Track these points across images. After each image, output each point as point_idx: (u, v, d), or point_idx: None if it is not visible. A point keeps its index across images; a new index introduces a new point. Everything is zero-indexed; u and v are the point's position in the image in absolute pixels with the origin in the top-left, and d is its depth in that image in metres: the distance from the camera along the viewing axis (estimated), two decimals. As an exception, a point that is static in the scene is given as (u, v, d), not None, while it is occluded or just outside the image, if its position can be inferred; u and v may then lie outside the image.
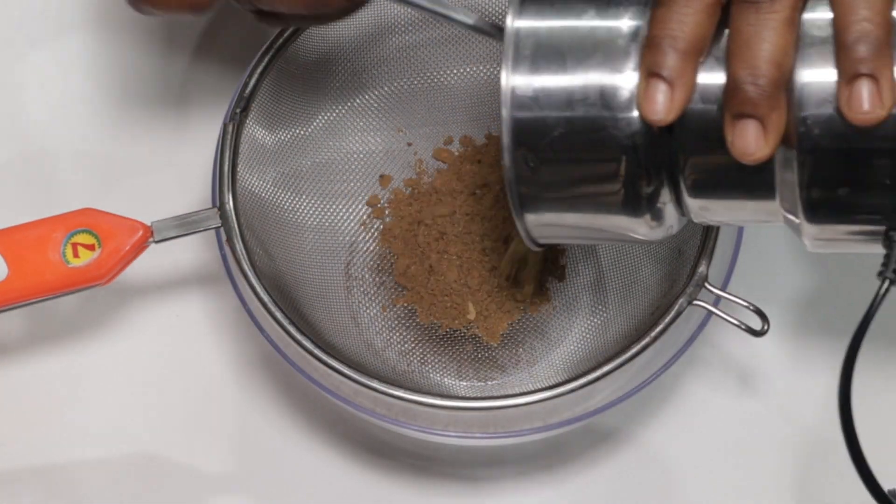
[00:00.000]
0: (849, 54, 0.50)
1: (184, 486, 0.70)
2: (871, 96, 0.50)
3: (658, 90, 0.52)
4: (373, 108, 0.72)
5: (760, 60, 0.51)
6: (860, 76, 0.50)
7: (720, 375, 0.71)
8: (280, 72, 0.67)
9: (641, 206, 0.54)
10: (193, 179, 0.74)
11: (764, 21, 0.51)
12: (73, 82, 0.78)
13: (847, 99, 0.50)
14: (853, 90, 0.50)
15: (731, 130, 0.52)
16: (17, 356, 0.72)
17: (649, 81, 0.52)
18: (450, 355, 0.69)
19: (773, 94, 0.51)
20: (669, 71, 0.52)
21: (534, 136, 0.54)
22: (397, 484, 0.70)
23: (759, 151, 0.51)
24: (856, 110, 0.50)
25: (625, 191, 0.54)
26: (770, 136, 0.51)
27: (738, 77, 0.51)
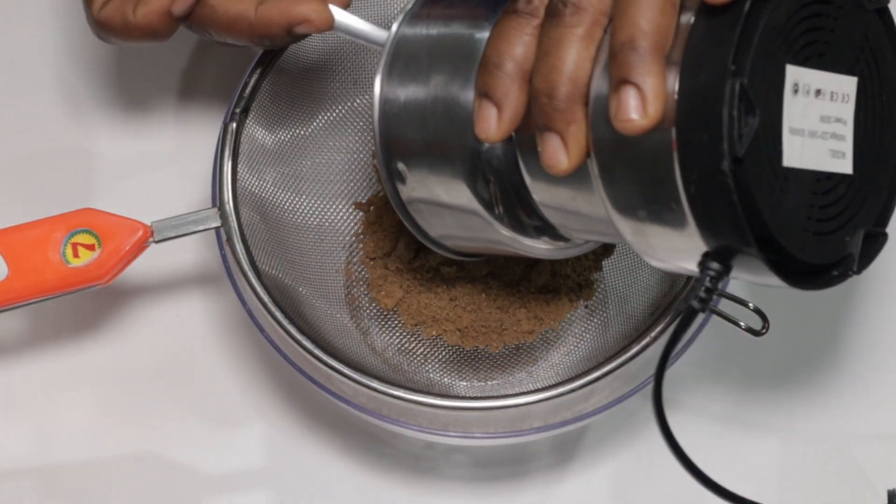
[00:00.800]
0: (614, 60, 0.50)
1: (184, 486, 0.70)
2: (636, 104, 0.49)
3: (488, 111, 0.53)
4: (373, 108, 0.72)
5: (556, 73, 0.51)
6: (623, 83, 0.49)
7: (720, 375, 0.71)
8: (280, 72, 0.67)
9: (497, 213, 0.58)
10: (193, 179, 0.74)
11: (562, 34, 0.51)
12: (73, 82, 0.78)
13: (614, 107, 0.50)
14: (618, 97, 0.50)
15: (539, 143, 0.52)
16: (17, 356, 0.72)
17: (480, 102, 0.54)
18: (450, 355, 0.69)
19: (568, 108, 0.51)
20: (497, 92, 0.53)
21: (400, 146, 0.59)
22: (397, 484, 0.70)
23: (560, 164, 0.52)
24: (618, 118, 0.49)
25: (478, 199, 0.57)
26: (571, 150, 0.52)
27: (537, 89, 0.52)
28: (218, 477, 0.70)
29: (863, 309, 0.73)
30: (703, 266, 0.51)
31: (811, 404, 0.71)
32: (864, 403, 0.71)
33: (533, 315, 0.68)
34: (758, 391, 0.71)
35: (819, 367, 0.72)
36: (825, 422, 0.70)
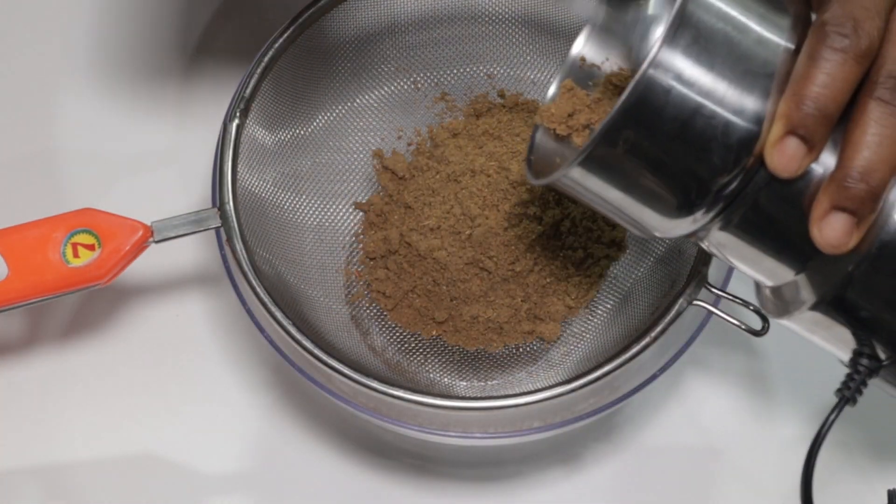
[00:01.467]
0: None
1: (184, 486, 0.70)
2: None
3: (794, 148, 0.51)
4: (373, 108, 0.72)
5: (878, 161, 0.51)
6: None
7: (720, 375, 0.71)
8: (280, 72, 0.67)
9: (681, 216, 0.54)
10: (193, 179, 0.74)
11: (892, 123, 0.51)
12: (73, 82, 0.78)
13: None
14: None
15: (820, 216, 0.52)
16: (17, 356, 0.72)
17: (787, 138, 0.51)
18: (450, 355, 0.69)
19: (879, 197, 0.51)
20: (809, 132, 0.51)
21: (650, 110, 0.51)
22: (397, 484, 0.70)
23: (844, 246, 0.52)
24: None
25: (681, 203, 0.54)
26: (858, 235, 0.51)
27: (852, 169, 0.51)
28: (217, 477, 0.70)
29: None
30: (856, 362, 0.54)
31: (811, 404, 0.71)
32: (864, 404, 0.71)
33: (533, 315, 0.68)
34: (758, 391, 0.71)
35: (819, 367, 0.72)
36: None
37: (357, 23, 0.69)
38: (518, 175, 0.68)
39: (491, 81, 0.72)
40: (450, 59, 0.72)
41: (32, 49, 0.78)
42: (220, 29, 0.78)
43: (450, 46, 0.71)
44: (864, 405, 0.71)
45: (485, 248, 0.67)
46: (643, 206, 0.54)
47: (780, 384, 0.71)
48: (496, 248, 0.67)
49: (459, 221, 0.67)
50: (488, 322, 0.67)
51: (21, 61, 0.78)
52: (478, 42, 0.71)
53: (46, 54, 0.78)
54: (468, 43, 0.71)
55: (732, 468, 0.70)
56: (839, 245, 0.51)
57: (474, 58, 0.72)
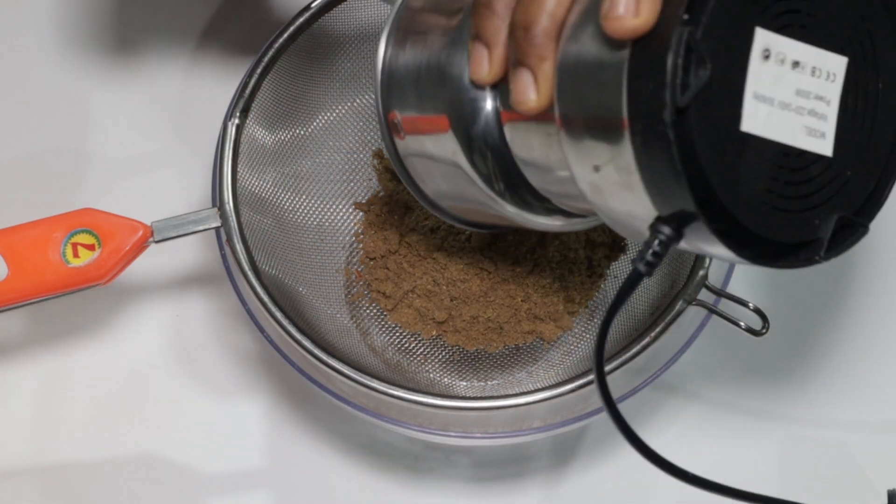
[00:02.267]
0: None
1: (183, 487, 0.70)
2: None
3: (479, 53, 0.53)
4: (373, 109, 0.72)
5: (535, 7, 0.50)
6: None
7: (720, 375, 0.71)
8: (280, 72, 0.67)
9: (497, 188, 0.56)
10: (193, 179, 0.74)
11: None
12: (73, 82, 0.78)
13: (606, 6, 0.48)
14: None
15: (511, 80, 0.52)
16: (17, 356, 0.72)
17: (473, 45, 0.53)
18: (450, 355, 0.69)
19: (543, 44, 0.51)
20: (486, 32, 0.53)
21: (398, 101, 0.58)
22: (397, 484, 0.70)
23: (529, 101, 0.51)
24: (608, 16, 0.48)
25: (477, 173, 0.56)
26: (541, 87, 0.51)
27: (515, 22, 0.51)
28: (218, 477, 0.70)
29: (862, 309, 0.73)
30: (654, 229, 0.48)
31: (811, 405, 0.71)
32: (864, 403, 0.71)
33: (533, 315, 0.68)
34: (757, 392, 0.71)
35: (819, 367, 0.72)
36: (825, 422, 0.70)
37: (357, 23, 0.69)
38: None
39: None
40: (450, 59, 0.72)
41: (32, 49, 0.78)
42: (220, 29, 0.78)
43: (450, 46, 0.71)
44: (864, 405, 0.71)
45: (484, 248, 0.67)
46: (466, 189, 0.57)
47: (780, 384, 0.71)
48: (496, 248, 0.67)
49: (459, 221, 0.67)
50: (488, 322, 0.67)
51: (21, 61, 0.78)
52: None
53: (46, 54, 0.78)
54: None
55: (733, 468, 0.70)
56: (524, 101, 0.51)
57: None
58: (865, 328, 0.72)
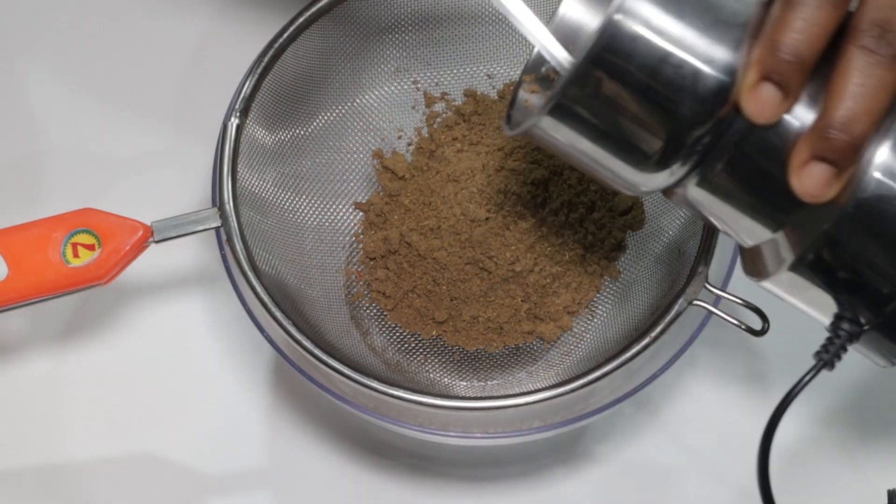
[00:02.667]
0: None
1: (183, 486, 0.70)
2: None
3: (769, 93, 0.51)
4: (373, 108, 0.72)
5: (861, 112, 0.50)
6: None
7: (720, 376, 0.71)
8: (280, 72, 0.67)
9: (655, 170, 0.54)
10: (193, 179, 0.74)
11: (876, 73, 0.50)
12: (73, 82, 0.78)
13: None
14: None
15: (800, 165, 0.51)
16: (17, 356, 0.72)
17: (762, 84, 0.51)
18: (450, 355, 0.69)
19: (859, 148, 0.50)
20: (784, 78, 0.50)
21: (617, 57, 0.51)
22: (397, 484, 0.70)
23: (824, 196, 0.51)
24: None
25: (653, 155, 0.53)
26: (839, 184, 0.51)
27: (833, 119, 0.50)
28: (218, 477, 0.70)
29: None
30: (839, 327, 0.53)
31: (811, 404, 0.71)
32: (864, 403, 0.71)
33: (533, 315, 0.68)
34: (757, 391, 0.71)
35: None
36: (825, 422, 0.70)
37: (357, 23, 0.69)
38: (515, 164, 0.68)
39: (491, 81, 0.72)
40: (450, 58, 0.72)
41: (32, 49, 0.78)
42: (220, 28, 0.78)
43: (450, 46, 0.71)
44: (864, 405, 0.71)
45: (485, 248, 0.67)
46: (616, 159, 0.54)
47: (780, 384, 0.71)
48: (496, 248, 0.67)
49: (459, 221, 0.67)
50: (488, 322, 0.67)
51: (20, 61, 0.78)
52: (478, 42, 0.71)
53: (46, 54, 0.78)
54: (468, 43, 0.71)
55: (733, 468, 0.70)
56: (818, 194, 0.51)
57: (474, 58, 0.72)
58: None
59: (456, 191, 0.68)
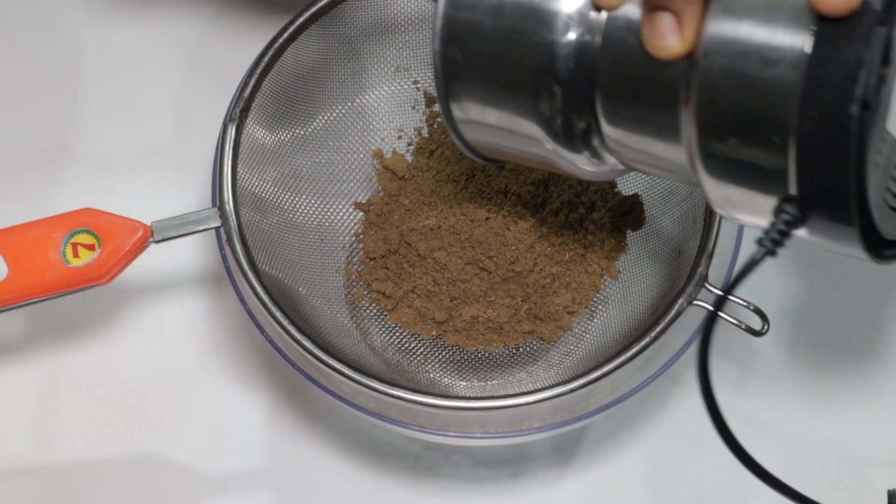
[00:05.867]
0: None
1: (183, 487, 0.70)
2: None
3: (662, 21, 0.50)
4: (373, 108, 0.72)
5: None
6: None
7: (720, 376, 0.71)
8: (280, 72, 0.67)
9: (555, 119, 0.55)
10: (193, 179, 0.74)
11: None
12: (73, 82, 0.78)
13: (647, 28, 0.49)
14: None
15: (647, 23, 0.50)
16: (17, 356, 0.72)
17: (651, 14, 0.50)
18: (450, 355, 0.69)
19: None
20: (677, 3, 0.50)
21: (464, 28, 0.55)
22: (397, 484, 0.70)
23: (673, 46, 0.50)
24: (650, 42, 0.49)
25: (540, 101, 0.54)
26: (685, 30, 0.49)
27: None
28: (218, 477, 0.70)
29: (862, 308, 0.73)
30: (779, 209, 0.49)
31: (811, 404, 0.71)
32: (865, 403, 0.71)
33: (533, 315, 0.68)
34: (757, 391, 0.71)
35: (818, 367, 0.72)
36: (825, 421, 0.70)
37: (357, 23, 0.69)
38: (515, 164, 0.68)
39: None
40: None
41: (31, 49, 0.78)
42: (220, 28, 0.78)
43: (450, 46, 0.71)
44: (864, 405, 0.71)
45: (485, 248, 0.67)
46: (525, 121, 0.56)
47: (780, 384, 0.71)
48: (496, 248, 0.67)
49: (459, 221, 0.67)
50: (488, 322, 0.68)
51: (20, 62, 0.78)
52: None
53: (45, 54, 0.78)
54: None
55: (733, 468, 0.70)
56: (666, 45, 0.50)
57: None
58: (865, 327, 0.72)
59: (456, 191, 0.68)
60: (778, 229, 0.49)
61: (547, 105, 0.55)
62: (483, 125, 0.58)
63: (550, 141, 0.56)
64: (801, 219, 0.49)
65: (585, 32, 0.53)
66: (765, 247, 0.49)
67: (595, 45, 0.53)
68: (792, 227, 0.49)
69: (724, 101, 0.49)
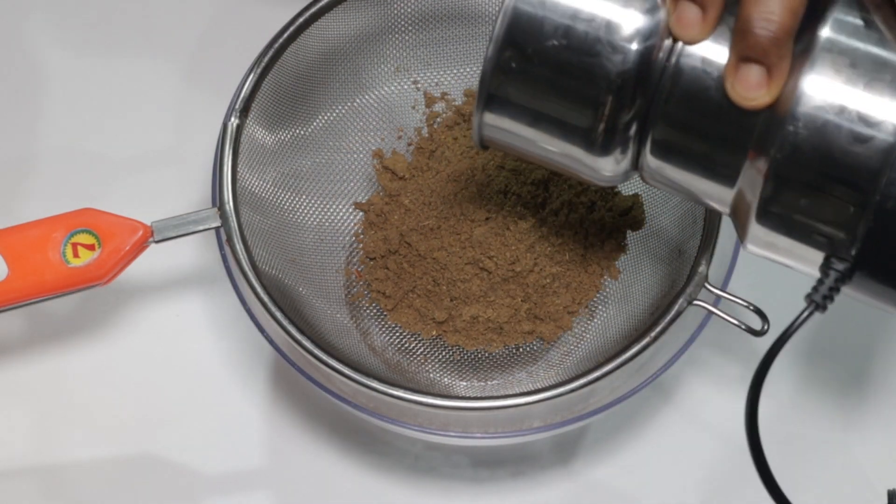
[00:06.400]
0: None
1: (183, 486, 0.70)
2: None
3: (689, 9, 0.51)
4: (373, 108, 0.72)
5: (776, 5, 0.49)
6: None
7: (720, 375, 0.71)
8: (280, 72, 0.67)
9: (599, 142, 0.54)
10: (193, 179, 0.74)
11: None
12: (74, 82, 0.78)
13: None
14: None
15: (732, 72, 0.50)
16: (17, 356, 0.72)
17: (681, 3, 0.51)
18: (450, 355, 0.69)
19: (784, 41, 0.50)
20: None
21: (527, 37, 0.53)
22: (397, 484, 0.70)
23: (761, 98, 0.50)
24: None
25: (590, 122, 0.53)
26: (773, 84, 0.50)
27: (751, 18, 0.50)
28: (218, 477, 0.70)
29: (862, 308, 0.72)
30: (829, 266, 0.51)
31: (811, 404, 0.71)
32: (865, 403, 0.71)
33: (533, 315, 0.68)
34: (758, 391, 0.71)
35: (818, 367, 0.72)
36: (825, 422, 0.70)
37: (357, 23, 0.69)
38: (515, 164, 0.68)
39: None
40: (450, 58, 0.72)
41: (31, 49, 0.78)
42: (220, 28, 0.78)
43: (450, 46, 0.71)
44: (864, 405, 0.71)
45: (485, 248, 0.67)
46: (564, 141, 0.55)
47: (780, 384, 0.71)
48: (496, 248, 0.67)
49: (459, 221, 0.67)
50: (488, 322, 0.68)
51: (20, 62, 0.78)
52: (478, 42, 0.71)
53: (45, 54, 0.78)
54: (468, 43, 0.71)
55: (733, 467, 0.70)
56: (753, 97, 0.50)
57: (474, 58, 0.72)
58: (865, 327, 0.72)
59: (456, 191, 0.68)
60: (830, 287, 0.51)
61: (597, 130, 0.54)
62: (513, 134, 0.56)
63: (587, 156, 0.55)
64: (850, 277, 0.51)
65: (658, 50, 0.52)
66: (815, 301, 0.52)
67: (664, 71, 0.52)
68: (841, 283, 0.51)
69: (805, 164, 0.50)
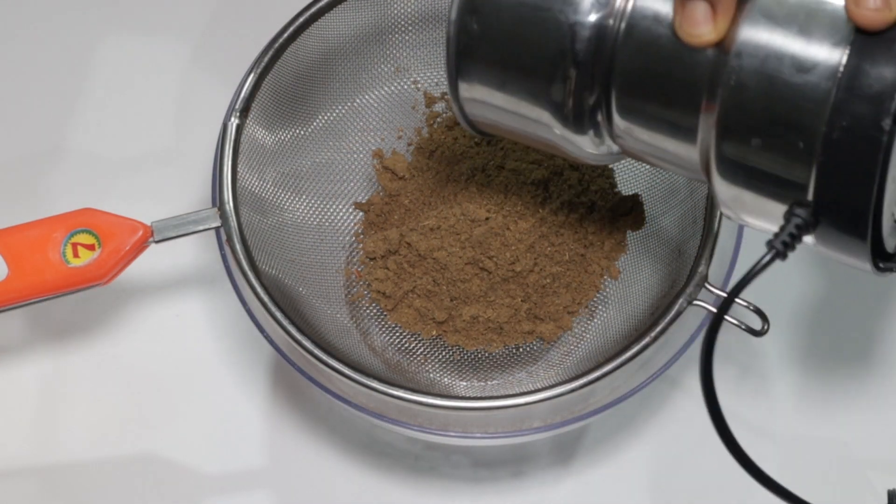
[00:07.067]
0: None
1: (183, 486, 0.70)
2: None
3: (700, 10, 0.50)
4: (373, 108, 0.72)
5: None
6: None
7: (720, 376, 0.71)
8: (280, 72, 0.67)
9: (566, 103, 0.54)
10: (193, 179, 0.74)
11: None
12: (73, 82, 0.78)
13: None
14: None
15: (679, 10, 0.50)
16: (17, 356, 0.72)
17: (687, 2, 0.51)
18: (450, 355, 0.69)
19: None
20: None
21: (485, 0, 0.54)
22: (397, 484, 0.70)
23: (707, 34, 0.50)
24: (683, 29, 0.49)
25: (553, 84, 0.54)
26: (719, 19, 0.50)
27: None
28: (218, 477, 0.70)
29: (862, 308, 0.73)
30: (791, 213, 0.49)
31: (811, 404, 0.71)
32: (865, 403, 0.71)
33: (533, 315, 0.68)
34: (757, 391, 0.71)
35: (818, 367, 0.72)
36: (825, 422, 0.70)
37: (357, 23, 0.69)
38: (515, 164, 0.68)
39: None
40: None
41: (31, 49, 0.78)
42: (220, 28, 0.78)
43: (450, 46, 0.71)
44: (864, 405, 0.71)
45: (485, 248, 0.67)
46: (535, 106, 0.55)
47: (780, 384, 0.71)
48: (496, 248, 0.67)
49: (459, 221, 0.67)
50: (488, 322, 0.68)
51: (20, 61, 0.78)
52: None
53: (45, 53, 0.78)
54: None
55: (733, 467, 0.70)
56: (699, 33, 0.50)
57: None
58: (865, 327, 0.72)
59: (456, 191, 0.68)
60: (789, 232, 0.49)
61: (560, 89, 0.54)
62: (489, 105, 0.57)
63: (558, 125, 0.56)
64: (813, 224, 0.49)
65: (609, 17, 0.53)
66: (775, 248, 0.49)
67: (618, 32, 0.53)
68: (803, 231, 0.49)
69: (751, 101, 0.49)
